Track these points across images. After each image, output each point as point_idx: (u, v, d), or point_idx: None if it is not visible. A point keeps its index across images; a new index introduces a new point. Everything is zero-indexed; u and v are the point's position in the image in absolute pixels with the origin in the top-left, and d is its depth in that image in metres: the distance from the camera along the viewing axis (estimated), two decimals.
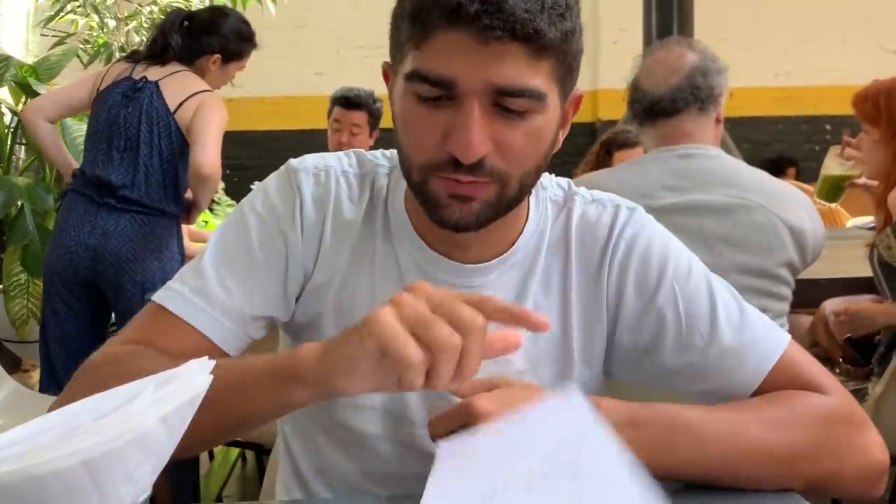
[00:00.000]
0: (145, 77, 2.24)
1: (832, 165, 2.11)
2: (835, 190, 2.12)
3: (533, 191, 0.83)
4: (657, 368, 0.84)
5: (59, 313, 2.23)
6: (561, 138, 0.79)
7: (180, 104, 2.19)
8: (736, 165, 1.64)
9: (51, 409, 0.75)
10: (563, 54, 0.71)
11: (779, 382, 0.79)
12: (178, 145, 2.20)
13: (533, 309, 0.82)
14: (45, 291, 2.30)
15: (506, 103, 0.69)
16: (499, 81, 0.68)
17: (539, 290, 0.84)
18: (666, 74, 1.63)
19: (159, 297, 0.81)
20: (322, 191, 0.83)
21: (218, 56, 2.30)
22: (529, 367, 0.83)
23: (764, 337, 0.81)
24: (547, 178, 0.88)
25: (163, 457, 0.45)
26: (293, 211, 0.82)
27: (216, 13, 2.34)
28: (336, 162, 0.86)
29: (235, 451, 2.24)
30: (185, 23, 2.30)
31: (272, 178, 0.86)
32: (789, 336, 0.83)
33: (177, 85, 2.22)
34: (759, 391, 0.80)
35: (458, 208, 0.73)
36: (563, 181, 0.90)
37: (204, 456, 2.48)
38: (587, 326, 0.84)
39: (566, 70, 0.73)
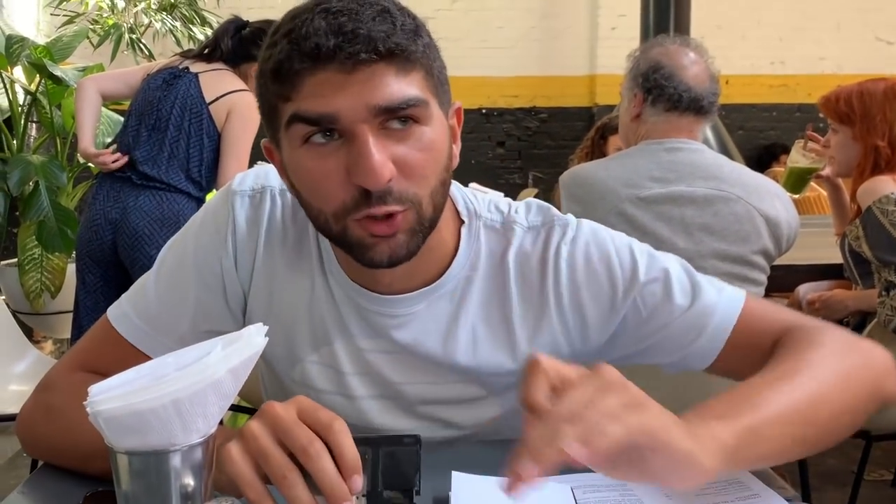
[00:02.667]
0: (187, 68, 2.37)
1: (798, 158, 2.22)
2: (800, 182, 2.23)
3: (465, 220, 0.87)
4: (624, 351, 0.88)
5: (88, 284, 2.38)
6: (456, 153, 0.80)
7: (217, 98, 2.31)
8: (717, 159, 1.76)
9: (20, 418, 0.86)
10: (427, 68, 0.73)
11: (746, 335, 0.83)
12: (208, 134, 2.32)
13: (472, 339, 0.86)
14: (76, 263, 2.44)
15: (392, 118, 0.70)
16: (379, 101, 0.69)
17: (479, 321, 0.86)
18: (704, 75, 1.74)
19: (111, 314, 0.90)
20: (255, 213, 0.87)
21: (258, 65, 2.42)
22: (491, 394, 0.88)
23: (719, 301, 0.84)
24: (484, 204, 0.90)
25: (229, 399, 0.58)
26: (226, 237, 0.87)
27: (269, 25, 2.44)
28: (277, 181, 0.88)
29: (243, 417, 2.36)
30: (240, 31, 2.41)
31: (214, 200, 0.91)
32: (744, 292, 0.86)
33: (216, 80, 2.34)
34: (726, 350, 0.83)
35: (385, 245, 0.74)
36: (504, 203, 0.91)
37: None
38: (542, 347, 0.86)
39: (437, 83, 0.75)
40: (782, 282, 2.01)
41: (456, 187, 0.87)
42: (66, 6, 4.20)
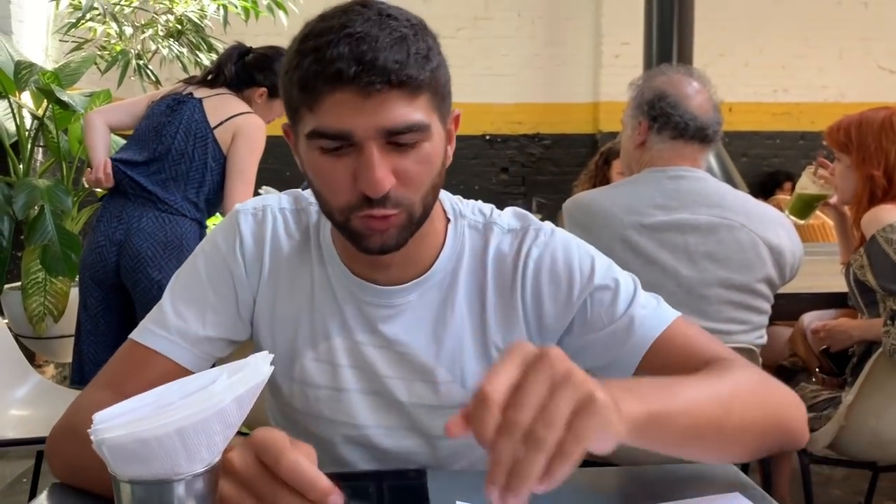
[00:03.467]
0: (191, 93, 2.39)
1: (807, 184, 2.23)
2: (807, 208, 2.23)
3: (451, 219, 0.97)
4: (569, 349, 0.93)
5: (89, 307, 2.37)
6: (450, 152, 0.90)
7: (221, 122, 2.33)
8: (720, 187, 1.77)
9: (51, 437, 0.87)
10: (434, 89, 0.83)
11: (668, 349, 0.89)
12: (213, 157, 2.33)
13: (457, 320, 0.95)
14: (79, 286, 2.43)
15: (396, 140, 0.80)
16: (386, 125, 0.79)
17: (463, 304, 0.95)
18: (708, 105, 1.76)
19: (134, 334, 0.95)
20: (259, 228, 0.97)
21: (264, 90, 2.44)
22: (454, 377, 0.95)
23: (652, 314, 0.91)
24: (469, 207, 1.01)
25: (233, 428, 0.57)
26: (235, 248, 0.96)
27: (273, 51, 2.46)
28: (274, 201, 1.00)
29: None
30: (244, 57, 2.44)
31: (221, 223, 1.01)
32: (678, 313, 0.93)
33: (220, 104, 2.36)
34: (647, 358, 0.89)
35: (379, 237, 0.85)
36: (487, 208, 1.02)
37: None
38: (506, 336, 0.95)
39: (440, 99, 0.85)
40: (786, 310, 2.01)
41: (444, 193, 0.96)
42: (74, 33, 4.24)
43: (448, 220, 0.98)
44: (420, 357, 0.95)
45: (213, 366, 0.85)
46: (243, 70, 2.43)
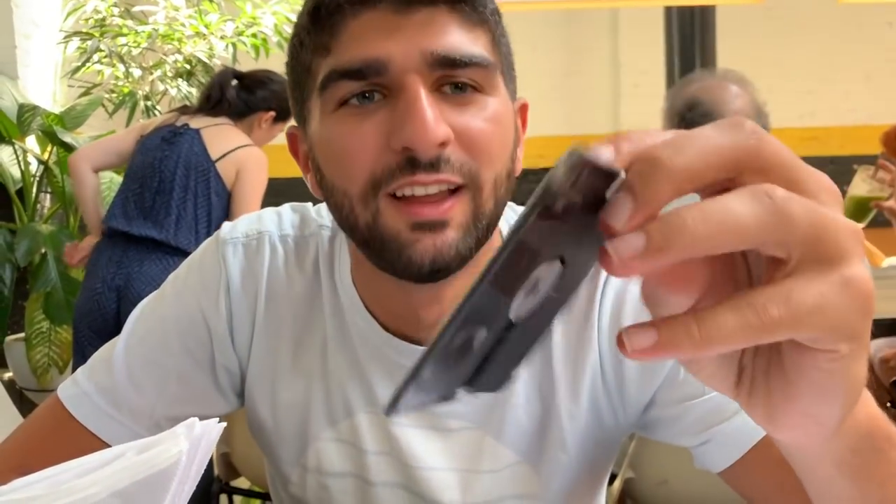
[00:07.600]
0: (187, 124, 2.24)
1: (860, 185, 2.04)
2: (863, 210, 2.04)
3: None
4: (653, 422, 0.70)
5: (87, 358, 2.22)
6: (520, 156, 0.66)
7: (223, 155, 2.19)
8: None
9: None
10: (496, 35, 0.61)
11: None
12: (216, 192, 2.19)
13: (520, 398, 0.68)
14: (74, 336, 2.29)
15: (451, 77, 0.57)
16: (437, 48, 0.56)
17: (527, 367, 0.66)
18: (749, 108, 1.63)
19: (64, 393, 0.71)
20: (252, 263, 0.71)
21: (273, 113, 2.32)
22: (522, 455, 0.70)
23: None
24: None
25: None
26: (217, 294, 0.70)
27: (269, 73, 2.35)
28: (274, 225, 0.73)
29: (256, 502, 2.17)
30: (236, 80, 2.31)
31: (199, 252, 0.74)
32: None
33: (220, 136, 2.22)
34: (757, 451, 0.63)
35: (429, 242, 0.57)
36: None
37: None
38: (574, 396, 0.69)
39: (504, 59, 0.62)
40: None
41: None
42: (82, 77, 4.17)
43: None
44: (478, 435, 0.69)
45: None
46: (246, 92, 2.29)
